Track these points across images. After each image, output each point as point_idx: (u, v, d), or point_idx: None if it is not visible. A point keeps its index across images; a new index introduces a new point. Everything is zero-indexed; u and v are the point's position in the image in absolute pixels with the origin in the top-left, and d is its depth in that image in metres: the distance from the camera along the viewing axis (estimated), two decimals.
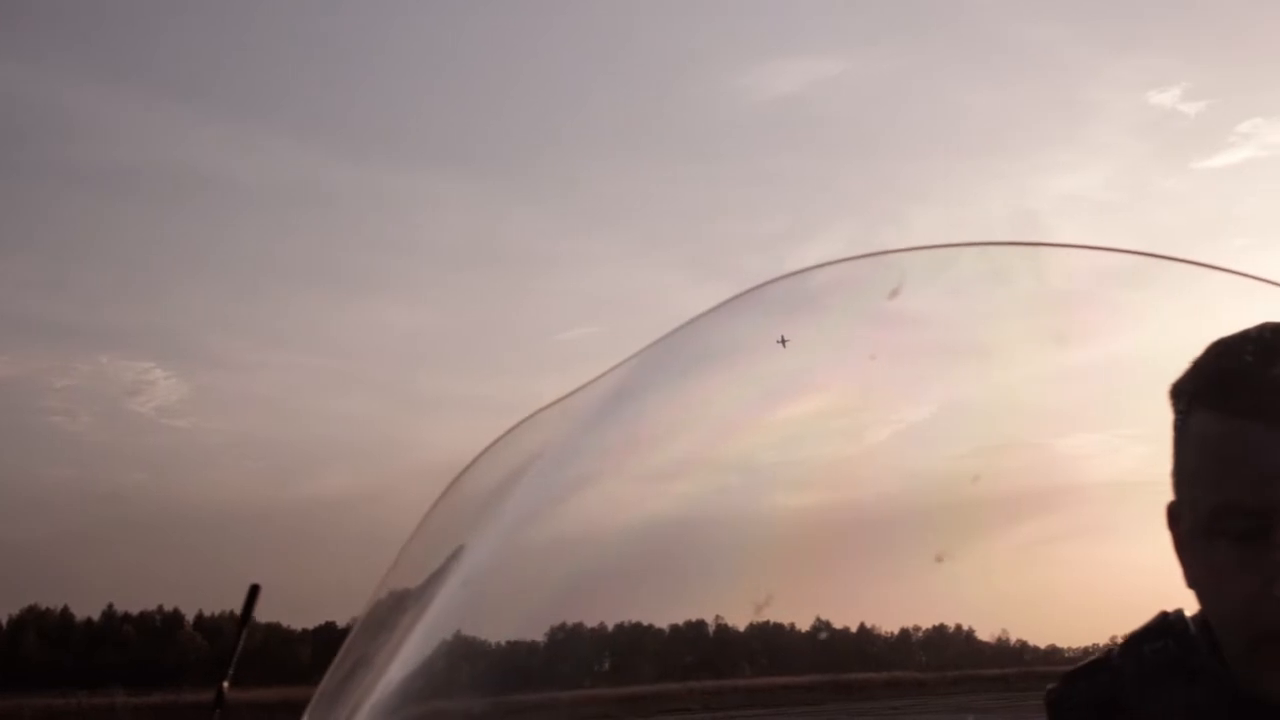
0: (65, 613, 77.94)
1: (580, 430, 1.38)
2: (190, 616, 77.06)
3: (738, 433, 1.40)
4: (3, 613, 75.09)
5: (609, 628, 1.59)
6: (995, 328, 1.30)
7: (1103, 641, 1.22)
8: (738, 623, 1.48)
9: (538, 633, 1.50)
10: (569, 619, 1.48)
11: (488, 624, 1.42)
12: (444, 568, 1.37)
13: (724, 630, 1.63)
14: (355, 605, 1.50)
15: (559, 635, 1.52)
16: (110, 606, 79.04)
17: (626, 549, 1.40)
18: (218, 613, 72.78)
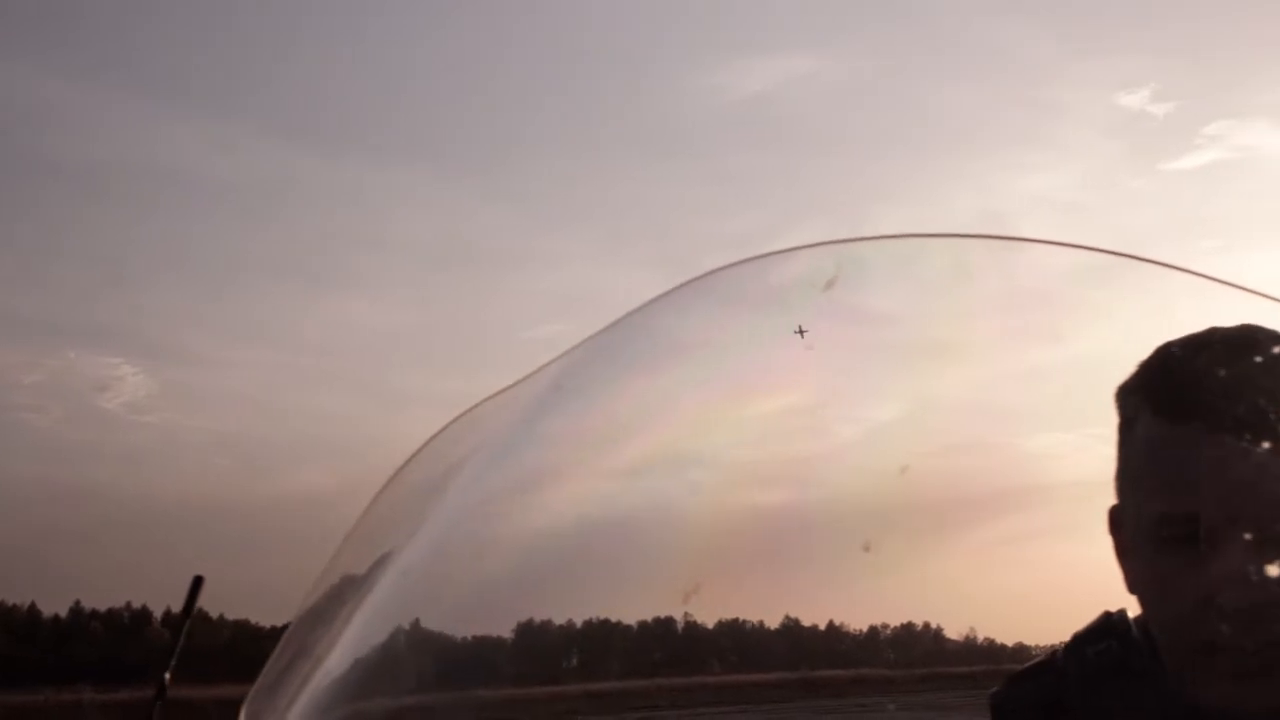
0: (32, 609, 77.29)
1: (520, 423, 1.37)
2: (158, 613, 76.61)
3: (687, 426, 1.39)
4: None
5: (555, 623, 1.58)
6: (962, 323, 1.30)
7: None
8: (666, 614, 1.47)
9: (477, 627, 1.49)
10: (508, 612, 1.46)
11: (426, 616, 1.41)
12: (383, 560, 1.37)
13: (693, 628, 1.62)
14: None
15: (500, 628, 1.50)
16: (78, 603, 78.54)
17: (566, 542, 1.40)
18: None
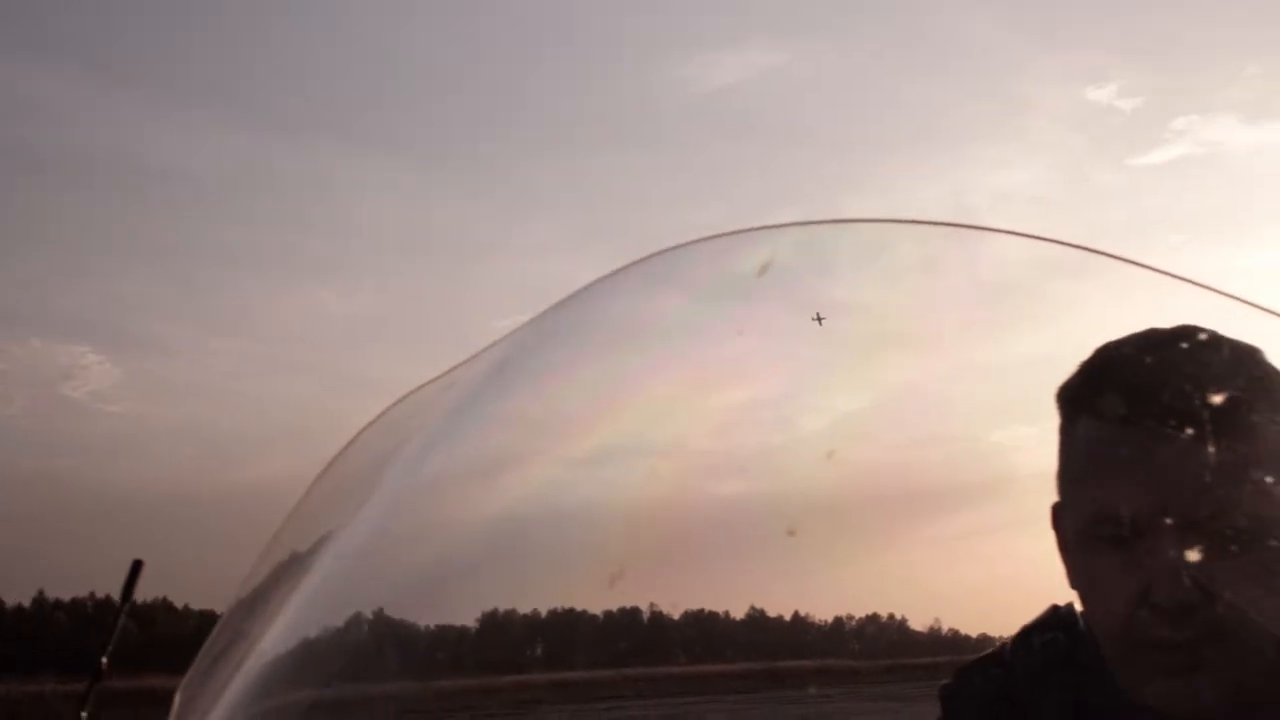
0: None
1: (456, 409, 1.37)
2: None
3: (644, 411, 1.38)
4: None
5: (496, 613, 1.57)
6: (924, 313, 1.30)
7: None
8: (592, 606, 1.46)
9: (417, 612, 1.48)
10: (448, 599, 1.45)
11: (366, 601, 1.40)
12: (322, 543, 1.37)
13: (659, 618, 1.62)
14: None
15: (441, 616, 1.49)
16: (41, 593, 77.82)
17: (499, 528, 1.39)
18: (150, 599, 71.77)
